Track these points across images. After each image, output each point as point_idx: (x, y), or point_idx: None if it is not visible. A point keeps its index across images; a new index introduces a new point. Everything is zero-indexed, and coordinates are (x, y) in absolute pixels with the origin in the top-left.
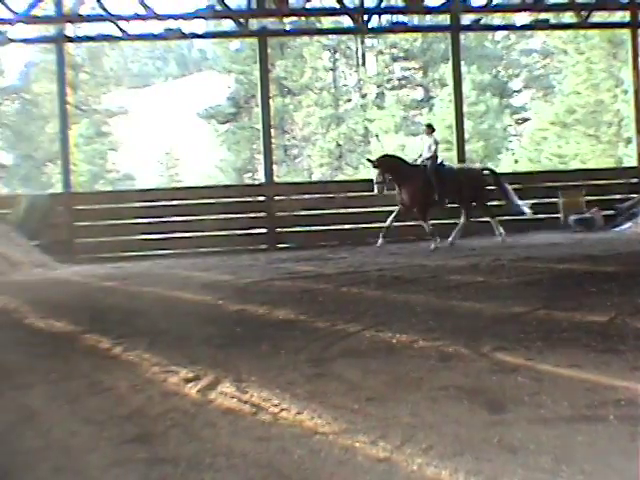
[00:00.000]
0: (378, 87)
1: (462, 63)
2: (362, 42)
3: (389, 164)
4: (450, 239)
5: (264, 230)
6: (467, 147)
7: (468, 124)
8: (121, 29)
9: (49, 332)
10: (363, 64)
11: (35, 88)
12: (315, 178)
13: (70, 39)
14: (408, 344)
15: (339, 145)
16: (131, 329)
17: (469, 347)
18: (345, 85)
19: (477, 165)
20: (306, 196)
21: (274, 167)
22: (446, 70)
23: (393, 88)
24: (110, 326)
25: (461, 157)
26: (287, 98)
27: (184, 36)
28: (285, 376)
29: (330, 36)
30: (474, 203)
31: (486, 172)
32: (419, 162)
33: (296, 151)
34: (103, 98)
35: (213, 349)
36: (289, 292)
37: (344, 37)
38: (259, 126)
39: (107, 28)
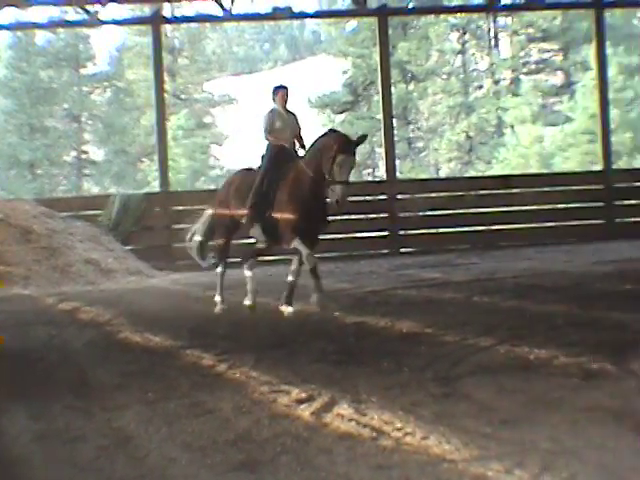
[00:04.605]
0: (513, 72)
1: (607, 44)
2: (494, 21)
3: None
4: None
5: (385, 233)
6: (613, 139)
7: (614, 113)
8: (224, 8)
9: (145, 347)
10: (496, 46)
11: (128, 75)
12: (442, 174)
13: (167, 20)
14: (547, 360)
15: (469, 137)
16: (236, 344)
17: (616, 364)
18: (475, 70)
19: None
20: (432, 194)
21: (397, 162)
22: (589, 52)
23: (529, 73)
24: (213, 341)
25: (606, 150)
26: (410, 84)
27: (294, 16)
28: (409, 396)
29: (458, 14)
30: None
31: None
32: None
33: (421, 144)
34: (205, 86)
35: (328, 366)
36: (413, 302)
37: (474, 15)
38: (379, 116)
39: (208, 7)
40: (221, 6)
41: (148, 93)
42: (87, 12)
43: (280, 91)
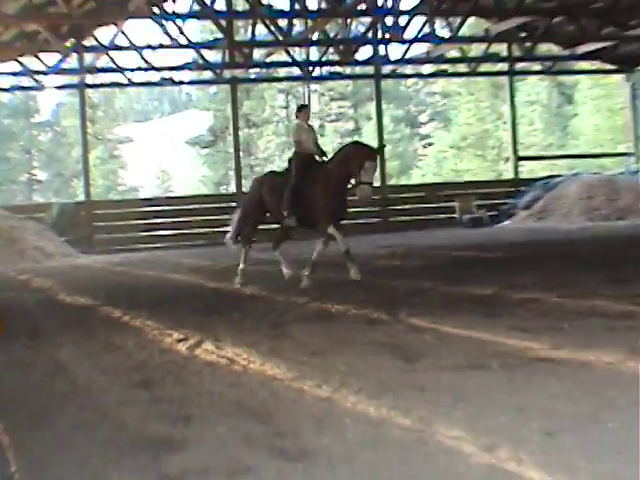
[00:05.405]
0: (320, 120)
1: (382, 102)
2: (308, 87)
3: None
4: None
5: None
6: (387, 165)
7: (388, 148)
8: (128, 78)
9: (75, 305)
10: (309, 103)
11: (64, 123)
12: None
13: (89, 86)
14: (344, 312)
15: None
16: (136, 302)
17: (389, 314)
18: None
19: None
20: None
21: (242, 181)
22: (371, 107)
23: (332, 121)
24: (120, 300)
25: (383, 172)
26: (252, 129)
27: (175, 83)
28: (252, 337)
29: (284, 82)
30: None
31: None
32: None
33: (259, 169)
34: (115, 130)
35: (198, 317)
36: (255, 275)
37: (295, 83)
38: (231, 150)
39: (117, 77)
40: (126, 77)
41: (76, 135)
42: (36, 80)
43: (303, 109)
